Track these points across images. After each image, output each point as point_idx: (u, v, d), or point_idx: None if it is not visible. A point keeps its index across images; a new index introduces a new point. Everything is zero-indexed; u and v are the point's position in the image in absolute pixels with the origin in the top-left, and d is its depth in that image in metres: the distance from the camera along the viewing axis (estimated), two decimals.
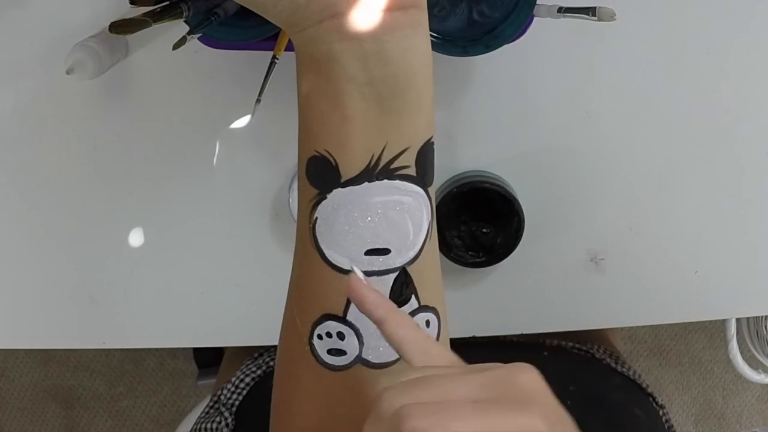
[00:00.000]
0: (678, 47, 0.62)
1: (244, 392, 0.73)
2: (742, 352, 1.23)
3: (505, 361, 0.34)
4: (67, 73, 0.55)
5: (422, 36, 0.37)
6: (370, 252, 0.39)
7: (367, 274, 0.38)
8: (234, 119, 0.63)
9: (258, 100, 0.53)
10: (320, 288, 0.40)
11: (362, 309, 0.36)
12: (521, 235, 0.61)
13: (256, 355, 0.77)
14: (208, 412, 0.73)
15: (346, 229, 0.38)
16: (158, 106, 0.63)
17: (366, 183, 0.38)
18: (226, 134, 0.64)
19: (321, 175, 0.38)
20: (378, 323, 0.35)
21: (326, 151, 0.38)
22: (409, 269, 0.39)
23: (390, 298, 0.39)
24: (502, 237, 0.62)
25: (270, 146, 0.64)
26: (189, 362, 1.47)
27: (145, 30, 0.42)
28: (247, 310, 0.68)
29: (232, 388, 0.73)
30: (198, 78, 0.62)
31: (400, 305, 0.39)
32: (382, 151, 0.38)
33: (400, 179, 0.38)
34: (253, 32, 0.50)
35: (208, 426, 0.70)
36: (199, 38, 0.51)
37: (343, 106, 0.37)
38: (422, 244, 0.39)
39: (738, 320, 1.23)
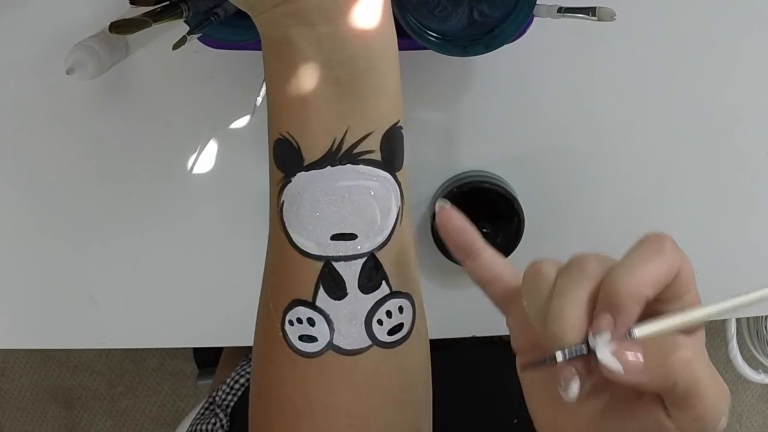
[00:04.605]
0: (678, 47, 0.62)
1: (239, 393, 0.73)
2: (742, 352, 1.23)
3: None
4: (67, 73, 0.55)
5: (380, 19, 0.37)
6: (336, 237, 0.38)
7: (334, 259, 0.38)
8: (234, 119, 0.63)
9: (258, 101, 0.53)
10: (289, 273, 0.40)
11: (456, 237, 0.39)
12: (521, 235, 0.61)
13: (250, 355, 0.77)
14: (203, 414, 0.73)
15: (311, 213, 0.38)
16: (158, 106, 0.63)
17: (329, 167, 0.38)
18: (226, 134, 0.64)
19: (285, 157, 0.38)
20: (475, 254, 0.39)
21: (288, 133, 0.38)
22: (377, 255, 0.39)
23: (358, 284, 0.39)
24: (502, 237, 0.62)
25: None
26: (189, 362, 1.47)
27: (145, 30, 0.42)
28: (247, 310, 0.67)
29: (227, 389, 0.73)
30: (198, 78, 0.62)
31: (369, 291, 0.39)
32: (344, 135, 0.38)
33: (364, 164, 0.38)
34: (253, 32, 0.50)
35: (204, 428, 0.70)
36: (199, 38, 0.51)
37: (302, 89, 0.37)
38: (391, 229, 0.39)
39: (738, 320, 1.24)
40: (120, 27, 0.41)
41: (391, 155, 0.39)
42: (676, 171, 0.65)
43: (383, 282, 0.39)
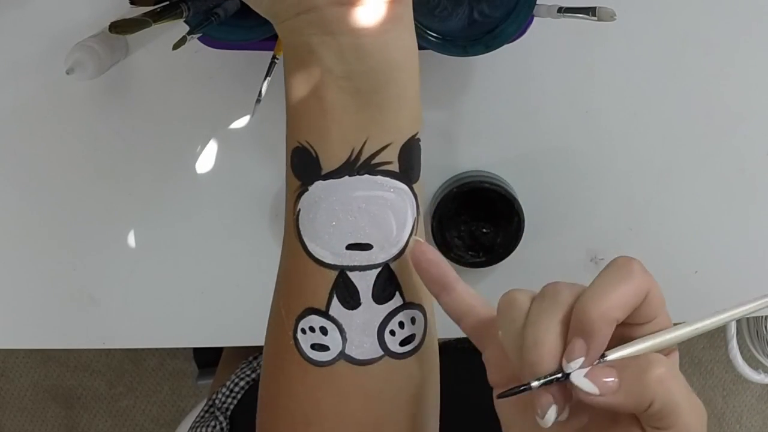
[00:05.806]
0: (678, 47, 0.62)
1: (239, 396, 0.73)
2: (742, 352, 1.23)
3: None
4: (67, 73, 0.56)
5: (403, 31, 0.37)
6: (352, 246, 0.39)
7: (349, 269, 0.39)
8: (234, 119, 0.63)
9: (258, 100, 0.53)
10: (303, 281, 0.40)
11: (431, 270, 0.39)
12: (521, 235, 0.61)
13: (251, 358, 0.77)
14: (203, 417, 0.73)
15: (328, 222, 0.38)
16: (158, 106, 0.63)
17: (347, 177, 0.38)
18: (226, 134, 0.64)
19: (303, 166, 0.39)
20: (449, 288, 0.39)
21: (307, 142, 0.38)
22: (392, 265, 0.39)
23: (372, 294, 0.39)
24: (502, 237, 0.62)
25: (270, 146, 0.64)
26: (189, 362, 1.47)
27: (145, 30, 0.42)
28: (247, 310, 0.67)
29: (227, 392, 0.73)
30: (198, 78, 0.62)
31: (383, 301, 0.39)
32: (363, 145, 0.38)
33: (382, 175, 0.38)
34: (253, 32, 0.50)
35: (204, 431, 0.70)
36: (199, 38, 0.51)
37: (322, 98, 0.37)
38: (406, 240, 0.39)
39: (738, 320, 1.23)
40: (120, 27, 0.41)
41: (408, 167, 0.39)
42: (676, 171, 0.65)
43: (397, 293, 0.40)
